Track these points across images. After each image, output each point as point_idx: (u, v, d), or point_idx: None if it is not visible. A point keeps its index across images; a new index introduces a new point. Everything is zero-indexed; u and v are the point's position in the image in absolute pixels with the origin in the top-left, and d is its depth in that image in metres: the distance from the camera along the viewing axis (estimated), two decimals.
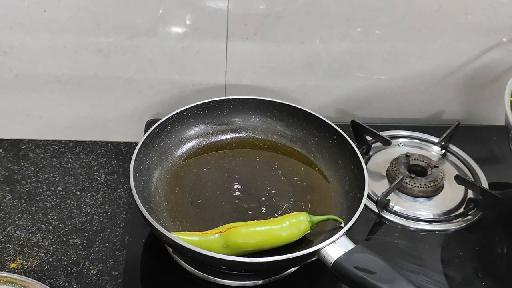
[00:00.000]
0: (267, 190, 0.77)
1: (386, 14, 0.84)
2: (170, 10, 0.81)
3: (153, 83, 0.89)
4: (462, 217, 0.80)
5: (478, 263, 0.74)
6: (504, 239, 0.78)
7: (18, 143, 0.91)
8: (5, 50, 0.82)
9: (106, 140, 0.93)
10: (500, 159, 0.91)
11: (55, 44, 0.82)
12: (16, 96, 0.88)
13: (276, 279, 0.69)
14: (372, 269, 0.59)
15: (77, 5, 0.79)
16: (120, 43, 0.83)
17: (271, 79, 0.90)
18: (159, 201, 0.73)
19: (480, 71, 0.91)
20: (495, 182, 0.85)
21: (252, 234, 0.66)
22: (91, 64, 0.85)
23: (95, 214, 0.80)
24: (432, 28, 0.86)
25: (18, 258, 0.74)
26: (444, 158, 0.90)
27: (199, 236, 0.65)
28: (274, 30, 0.85)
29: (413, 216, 0.79)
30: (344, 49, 0.87)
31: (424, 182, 0.82)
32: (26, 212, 0.80)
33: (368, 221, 0.78)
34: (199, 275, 0.69)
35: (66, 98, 0.88)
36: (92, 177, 0.86)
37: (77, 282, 0.71)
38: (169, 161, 0.79)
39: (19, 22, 0.80)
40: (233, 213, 0.73)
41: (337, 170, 0.78)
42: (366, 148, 0.89)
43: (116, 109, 0.91)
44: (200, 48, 0.85)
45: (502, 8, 0.84)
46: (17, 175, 0.85)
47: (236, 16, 0.82)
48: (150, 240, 0.73)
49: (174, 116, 0.80)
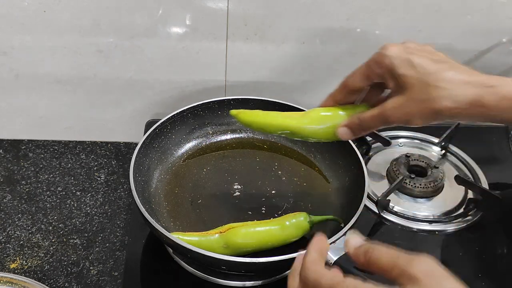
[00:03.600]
0: (267, 190, 0.77)
1: (386, 14, 0.84)
2: (170, 10, 0.81)
3: (153, 83, 0.89)
4: (462, 218, 0.80)
5: (478, 264, 0.74)
6: (504, 239, 0.78)
7: (18, 143, 0.91)
8: (5, 50, 0.82)
9: (106, 140, 0.93)
10: (500, 159, 0.91)
11: (55, 44, 0.82)
12: (16, 96, 0.88)
13: (276, 279, 0.69)
14: None
15: (77, 5, 0.79)
16: (120, 43, 0.83)
17: (271, 79, 0.90)
18: (159, 202, 0.73)
19: (480, 71, 0.90)
20: (495, 183, 0.85)
21: (252, 234, 0.66)
22: (91, 64, 0.85)
23: (95, 214, 0.80)
24: (432, 28, 0.86)
25: (18, 259, 0.74)
26: (444, 158, 0.90)
27: (199, 236, 0.65)
28: (274, 30, 0.85)
29: (413, 217, 0.79)
30: (344, 49, 0.87)
31: (424, 182, 0.82)
32: (26, 213, 0.80)
33: (368, 222, 0.78)
34: (199, 275, 0.69)
35: (66, 98, 0.88)
36: (92, 178, 0.86)
37: (77, 282, 0.71)
38: (169, 162, 0.79)
39: (19, 22, 0.80)
40: (233, 213, 0.73)
41: (337, 170, 0.78)
42: (366, 148, 0.89)
43: (116, 109, 0.91)
44: (200, 48, 0.85)
45: (502, 8, 0.84)
46: (17, 175, 0.85)
47: (236, 16, 0.82)
48: (150, 240, 0.73)
49: (174, 116, 0.80)
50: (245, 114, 0.67)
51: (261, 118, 0.66)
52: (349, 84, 0.60)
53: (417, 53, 0.56)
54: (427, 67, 0.54)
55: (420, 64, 0.55)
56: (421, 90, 0.54)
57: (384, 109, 0.57)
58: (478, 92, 0.53)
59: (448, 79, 0.53)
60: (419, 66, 0.54)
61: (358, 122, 0.60)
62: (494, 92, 0.53)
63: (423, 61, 0.55)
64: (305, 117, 0.64)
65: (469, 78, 0.54)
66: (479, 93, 0.53)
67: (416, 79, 0.54)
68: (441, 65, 0.55)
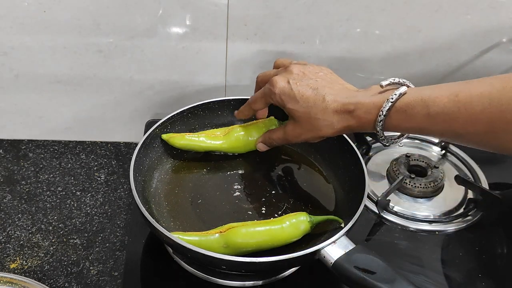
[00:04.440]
0: (267, 190, 0.77)
1: (386, 14, 0.84)
2: (170, 10, 0.81)
3: (153, 83, 0.89)
4: (462, 218, 0.80)
5: (478, 264, 0.74)
6: (504, 240, 0.78)
7: (18, 143, 0.91)
8: (5, 50, 0.83)
9: (106, 140, 0.93)
10: (500, 159, 0.91)
11: (55, 44, 0.82)
12: (16, 96, 0.88)
13: (276, 279, 0.69)
14: (372, 269, 0.59)
15: (77, 5, 0.79)
16: (120, 43, 0.83)
17: None
18: (159, 201, 0.73)
19: (480, 71, 0.91)
20: (495, 183, 0.85)
21: (252, 234, 0.66)
22: (91, 64, 0.85)
23: (95, 214, 0.80)
24: (432, 28, 0.86)
25: (18, 259, 0.74)
26: (444, 158, 0.90)
27: (199, 236, 0.65)
28: (274, 30, 0.85)
29: (413, 217, 0.79)
30: (344, 49, 0.87)
31: (424, 182, 0.82)
32: (26, 213, 0.80)
33: (368, 222, 0.78)
34: (199, 275, 0.69)
35: (66, 98, 0.88)
36: (92, 178, 0.86)
37: (77, 282, 0.71)
38: (169, 162, 0.79)
39: (19, 22, 0.80)
40: (233, 213, 0.73)
41: (337, 171, 0.78)
42: (366, 148, 0.89)
43: (116, 109, 0.91)
44: (200, 48, 0.85)
45: (502, 8, 0.84)
46: (17, 176, 0.85)
47: (236, 16, 0.82)
48: (150, 240, 0.73)
49: (174, 116, 0.80)
50: (175, 139, 0.78)
51: (189, 141, 0.78)
52: (253, 107, 0.75)
53: (299, 83, 0.68)
54: (307, 99, 0.66)
55: (302, 97, 0.67)
56: (308, 122, 0.67)
57: (285, 132, 0.72)
58: (344, 118, 0.65)
59: (323, 110, 0.66)
60: (302, 100, 0.67)
61: (269, 141, 0.76)
62: (353, 116, 0.64)
63: (304, 93, 0.67)
64: (228, 137, 0.79)
65: (336, 106, 0.65)
66: (344, 118, 0.65)
67: (301, 113, 0.67)
68: (318, 94, 0.66)
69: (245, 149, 0.80)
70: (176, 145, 0.79)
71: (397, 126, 0.63)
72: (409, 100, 0.61)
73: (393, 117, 0.62)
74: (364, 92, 0.66)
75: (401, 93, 0.61)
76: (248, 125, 0.80)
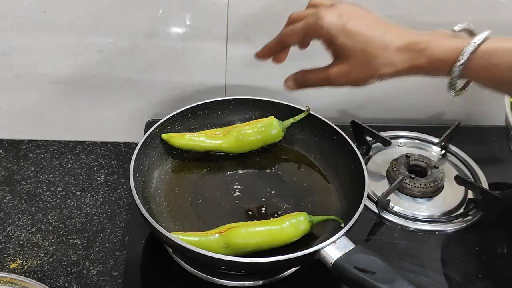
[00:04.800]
0: (267, 190, 0.77)
1: (386, 14, 0.83)
2: (170, 10, 0.81)
3: (153, 83, 0.89)
4: (462, 218, 0.80)
5: (478, 264, 0.74)
6: (504, 240, 0.78)
7: (18, 143, 0.91)
8: (5, 50, 0.83)
9: (106, 140, 0.93)
10: (500, 159, 0.91)
11: (55, 44, 0.82)
12: (16, 96, 0.88)
13: (276, 279, 0.69)
14: (372, 269, 0.59)
15: (77, 5, 0.79)
16: (120, 43, 0.83)
17: (271, 79, 0.89)
18: (159, 202, 0.73)
19: None
20: (495, 183, 0.85)
21: (252, 234, 0.66)
22: (91, 64, 0.85)
23: (95, 214, 0.80)
24: (432, 28, 0.86)
25: (18, 259, 0.74)
26: (444, 158, 0.90)
27: (199, 236, 0.65)
28: (274, 30, 0.84)
29: (413, 217, 0.79)
30: None
31: (424, 182, 0.82)
32: (26, 213, 0.80)
33: (368, 222, 0.78)
34: (199, 276, 0.69)
35: (66, 98, 0.88)
36: (92, 178, 0.86)
37: (77, 282, 0.71)
38: (169, 162, 0.79)
39: (19, 22, 0.80)
40: (233, 213, 0.73)
41: (337, 171, 0.78)
42: (366, 148, 0.89)
43: (116, 109, 0.91)
44: (200, 48, 0.85)
45: (502, 8, 0.84)
46: (17, 176, 0.85)
47: (236, 16, 0.82)
48: (150, 240, 0.73)
49: (174, 116, 0.80)
50: (175, 138, 0.78)
51: (189, 141, 0.78)
52: (285, 41, 0.66)
53: (352, 19, 0.59)
54: (364, 35, 0.58)
55: (357, 33, 0.58)
56: (362, 59, 0.58)
57: (329, 74, 0.62)
58: (410, 57, 0.57)
59: (384, 47, 0.57)
60: (357, 35, 0.58)
61: (303, 79, 0.67)
62: (423, 55, 0.57)
63: (359, 29, 0.58)
64: (228, 137, 0.79)
65: (401, 43, 0.57)
66: (411, 57, 0.57)
67: (355, 49, 0.58)
68: (376, 31, 0.58)
69: (245, 149, 0.80)
70: (176, 145, 0.78)
71: (475, 74, 0.56)
72: (494, 46, 0.55)
73: (474, 62, 0.55)
74: (431, 33, 0.59)
75: (486, 36, 0.55)
76: (248, 125, 0.80)
